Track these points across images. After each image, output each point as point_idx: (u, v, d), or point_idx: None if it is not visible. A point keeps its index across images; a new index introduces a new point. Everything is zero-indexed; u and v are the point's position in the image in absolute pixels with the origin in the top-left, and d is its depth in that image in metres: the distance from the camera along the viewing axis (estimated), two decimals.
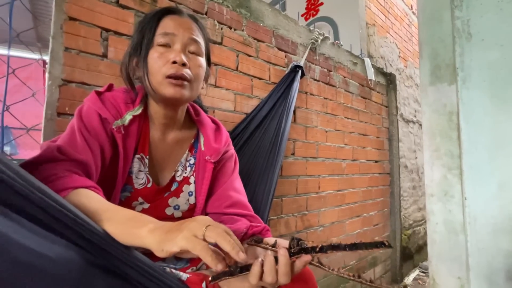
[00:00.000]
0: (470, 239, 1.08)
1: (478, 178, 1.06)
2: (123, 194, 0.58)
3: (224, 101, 1.12)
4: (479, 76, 1.09)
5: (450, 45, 1.20)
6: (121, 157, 0.55)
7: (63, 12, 0.75)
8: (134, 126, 0.57)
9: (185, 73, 0.55)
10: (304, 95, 1.46)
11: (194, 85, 0.58)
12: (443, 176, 1.19)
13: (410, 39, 2.94)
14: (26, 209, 0.31)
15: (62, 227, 0.33)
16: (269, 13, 1.33)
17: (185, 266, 0.60)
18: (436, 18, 1.26)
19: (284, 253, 0.40)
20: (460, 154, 1.13)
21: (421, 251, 2.46)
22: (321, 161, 1.54)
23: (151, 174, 0.61)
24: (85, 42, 0.79)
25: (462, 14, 1.16)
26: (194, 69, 0.57)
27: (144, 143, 0.60)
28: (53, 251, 0.31)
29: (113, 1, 0.85)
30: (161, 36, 0.56)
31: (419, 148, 2.65)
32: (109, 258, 0.36)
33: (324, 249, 0.39)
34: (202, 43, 0.60)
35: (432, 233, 1.23)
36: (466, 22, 1.15)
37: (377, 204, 1.97)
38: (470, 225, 1.08)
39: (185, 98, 0.57)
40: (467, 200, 1.09)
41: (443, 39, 1.23)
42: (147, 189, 0.60)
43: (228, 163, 0.68)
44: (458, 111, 1.14)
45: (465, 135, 1.11)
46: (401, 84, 2.53)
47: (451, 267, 1.15)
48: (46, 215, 0.32)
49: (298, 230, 1.37)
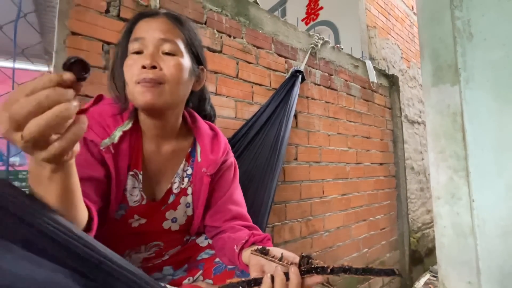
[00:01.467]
0: (480, 242, 1.05)
1: (485, 179, 1.04)
2: (118, 213, 0.56)
3: (225, 109, 1.13)
4: (482, 76, 1.08)
5: (451, 45, 1.19)
6: (113, 178, 0.51)
7: (66, 27, 0.78)
8: (125, 142, 0.53)
9: (155, 76, 0.50)
10: (305, 99, 1.46)
11: (172, 88, 0.52)
12: (449, 178, 1.17)
13: (412, 39, 2.93)
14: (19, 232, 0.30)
15: (56, 247, 0.32)
16: (268, 20, 1.35)
17: (182, 276, 0.60)
18: (436, 19, 1.25)
19: (296, 272, 0.40)
20: (465, 155, 1.11)
21: (431, 255, 2.41)
22: (325, 165, 1.53)
23: (145, 189, 0.58)
24: (87, 56, 0.81)
25: (462, 14, 1.15)
26: (169, 69, 0.52)
27: (137, 158, 0.56)
28: (40, 275, 0.30)
29: (114, 15, 0.88)
30: (132, 43, 0.53)
31: (425, 149, 2.62)
32: (105, 277, 0.35)
33: (335, 271, 0.39)
34: (178, 41, 0.54)
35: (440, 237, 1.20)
36: (466, 22, 1.15)
37: (383, 207, 1.94)
38: (479, 228, 1.06)
39: (160, 102, 0.51)
40: (475, 202, 1.07)
41: (444, 39, 1.22)
42: (142, 206, 0.57)
43: (227, 172, 0.66)
44: (462, 112, 1.12)
45: (470, 136, 1.09)
46: (405, 85, 2.51)
47: (461, 272, 1.12)
48: (41, 237, 0.32)
49: (303, 235, 1.36)
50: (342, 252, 1.57)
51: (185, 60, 0.55)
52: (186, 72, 0.55)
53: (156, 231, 0.60)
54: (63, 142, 0.29)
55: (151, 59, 0.50)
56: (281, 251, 0.45)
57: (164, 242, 0.62)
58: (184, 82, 0.55)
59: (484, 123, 1.07)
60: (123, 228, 0.56)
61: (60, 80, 0.28)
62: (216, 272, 0.57)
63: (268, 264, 0.45)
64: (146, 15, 0.55)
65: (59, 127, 0.28)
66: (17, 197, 0.33)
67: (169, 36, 0.53)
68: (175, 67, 0.53)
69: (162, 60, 0.52)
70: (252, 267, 0.46)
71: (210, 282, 0.56)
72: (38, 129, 0.26)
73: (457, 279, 1.13)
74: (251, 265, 0.47)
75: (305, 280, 0.40)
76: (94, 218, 0.43)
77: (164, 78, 0.51)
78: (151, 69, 0.50)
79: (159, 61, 0.52)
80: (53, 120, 0.27)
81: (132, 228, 0.57)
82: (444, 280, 1.16)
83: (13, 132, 0.27)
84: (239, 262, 0.51)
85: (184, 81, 0.55)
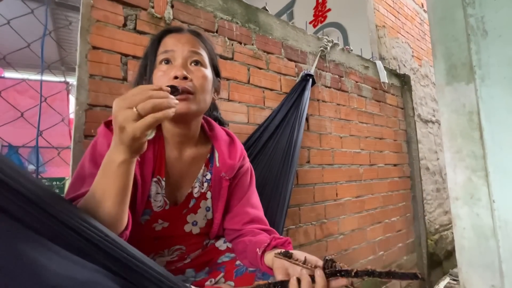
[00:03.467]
0: (502, 244, 1.02)
1: (505, 179, 1.01)
2: (143, 218, 0.59)
3: (237, 114, 1.15)
4: (498, 73, 1.05)
5: (465, 43, 1.17)
6: (139, 184, 0.54)
7: (87, 42, 0.82)
8: (149, 150, 0.56)
9: (187, 86, 0.54)
10: (316, 102, 1.47)
11: (200, 97, 0.57)
12: (468, 179, 1.14)
13: (423, 37, 2.88)
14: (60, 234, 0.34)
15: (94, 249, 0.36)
16: (277, 25, 1.36)
17: (204, 278, 0.61)
18: (448, 17, 1.24)
19: (322, 275, 0.41)
20: (484, 155, 1.08)
21: (450, 257, 2.33)
22: (338, 167, 1.52)
23: (168, 194, 0.61)
24: (107, 68, 0.85)
25: (475, 11, 1.13)
26: (198, 80, 0.56)
27: (160, 165, 0.59)
28: (82, 275, 0.33)
29: (131, 28, 0.92)
30: (162, 54, 0.57)
31: (440, 148, 2.55)
32: (136, 276, 0.38)
33: (359, 274, 0.40)
34: (204, 54, 0.60)
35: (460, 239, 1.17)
36: (480, 19, 1.13)
37: (399, 209, 1.91)
38: (501, 229, 1.02)
39: (191, 111, 0.55)
40: (496, 203, 1.04)
41: (457, 38, 1.20)
42: (165, 211, 0.60)
43: (244, 177, 0.68)
44: (479, 110, 1.10)
45: (488, 135, 1.06)
46: (417, 84, 2.47)
47: (484, 275, 1.09)
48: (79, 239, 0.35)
49: (318, 239, 1.35)
50: (358, 255, 1.55)
51: (209, 72, 0.60)
52: (210, 83, 0.60)
53: (178, 234, 0.62)
54: (157, 115, 0.38)
55: (183, 70, 0.55)
56: (304, 254, 0.47)
57: (185, 246, 0.64)
58: (209, 92, 0.60)
59: (502, 121, 1.05)
60: (147, 232, 0.59)
61: (164, 88, 0.41)
62: (238, 274, 0.59)
63: (292, 267, 0.46)
64: (172, 30, 0.61)
65: (163, 109, 0.39)
66: (55, 200, 0.35)
67: (196, 48, 0.58)
68: (204, 78, 0.57)
69: (191, 71, 0.57)
70: (277, 270, 0.47)
71: (232, 284, 0.57)
72: (154, 105, 0.38)
73: (480, 283, 1.10)
74: (275, 268, 0.48)
75: (330, 283, 0.41)
76: (129, 219, 0.46)
77: (194, 88, 0.55)
78: (183, 80, 0.54)
79: (189, 72, 0.56)
80: (163, 103, 0.39)
81: (155, 232, 0.60)
82: (466, 283, 1.13)
83: (131, 121, 0.37)
84: (262, 264, 0.53)
85: (209, 91, 0.60)
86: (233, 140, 0.69)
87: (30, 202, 0.33)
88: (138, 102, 0.37)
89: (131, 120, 0.37)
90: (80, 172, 0.52)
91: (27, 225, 0.33)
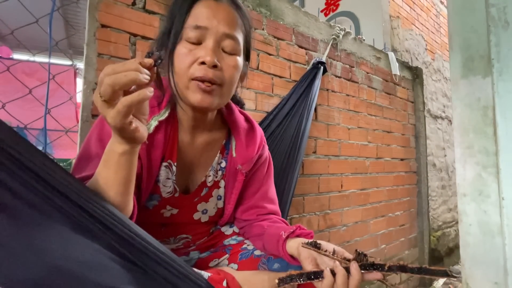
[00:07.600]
0: (508, 242, 1.00)
1: None
2: (151, 203, 0.56)
3: (245, 100, 1.13)
4: None
5: (484, 34, 1.12)
6: (144, 168, 0.50)
7: (96, 20, 0.80)
8: (160, 133, 0.51)
9: (215, 77, 0.47)
10: (325, 92, 1.44)
11: (226, 90, 0.50)
12: (477, 175, 1.12)
13: (438, 30, 2.78)
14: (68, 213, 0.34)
15: (102, 228, 0.36)
16: (289, 10, 1.32)
17: (209, 255, 0.62)
18: (467, 7, 1.18)
19: (358, 268, 0.41)
20: (496, 151, 1.05)
21: (451, 254, 2.33)
22: (344, 159, 1.51)
23: (179, 181, 0.57)
24: (116, 48, 0.83)
25: (497, 1, 1.08)
26: (228, 71, 0.49)
27: (172, 149, 0.54)
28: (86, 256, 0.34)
29: (140, 7, 0.89)
30: (191, 29, 0.47)
31: (448, 145, 2.51)
32: (145, 259, 0.38)
33: (392, 269, 0.40)
34: (240, 38, 0.51)
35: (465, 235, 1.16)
36: (502, 10, 1.07)
37: (403, 203, 1.89)
38: (509, 227, 1.01)
39: (213, 106, 0.50)
40: (505, 200, 1.02)
41: (476, 28, 1.15)
42: (174, 198, 0.57)
43: (262, 167, 0.63)
44: (494, 105, 1.06)
45: (502, 131, 1.03)
46: (428, 78, 2.40)
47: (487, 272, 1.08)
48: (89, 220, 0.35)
49: (321, 229, 1.35)
50: (360, 247, 1.55)
51: (241, 59, 0.52)
52: (239, 72, 0.53)
53: (186, 222, 0.61)
54: (128, 98, 0.33)
55: (213, 56, 0.46)
56: (332, 246, 0.46)
57: (192, 235, 0.63)
58: (236, 82, 0.53)
59: None
60: (155, 218, 0.58)
61: (142, 62, 0.35)
62: (242, 257, 0.59)
63: (320, 258, 0.46)
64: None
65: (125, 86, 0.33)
66: (65, 178, 0.35)
67: (233, 31, 0.49)
68: (235, 68, 0.50)
69: (222, 59, 0.48)
70: (305, 260, 0.47)
71: (235, 266, 0.57)
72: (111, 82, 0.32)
73: (483, 279, 1.09)
74: (303, 257, 0.47)
75: (364, 276, 0.41)
76: (135, 206, 0.45)
77: (222, 80, 0.48)
78: (212, 68, 0.47)
79: (220, 59, 0.48)
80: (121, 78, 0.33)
81: (163, 218, 0.58)
82: (468, 279, 1.12)
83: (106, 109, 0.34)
84: (282, 249, 0.51)
85: (236, 81, 0.53)
86: (253, 126, 0.63)
87: (38, 178, 0.33)
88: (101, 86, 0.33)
89: (106, 109, 0.34)
90: (86, 150, 0.48)
91: (31, 204, 0.33)
